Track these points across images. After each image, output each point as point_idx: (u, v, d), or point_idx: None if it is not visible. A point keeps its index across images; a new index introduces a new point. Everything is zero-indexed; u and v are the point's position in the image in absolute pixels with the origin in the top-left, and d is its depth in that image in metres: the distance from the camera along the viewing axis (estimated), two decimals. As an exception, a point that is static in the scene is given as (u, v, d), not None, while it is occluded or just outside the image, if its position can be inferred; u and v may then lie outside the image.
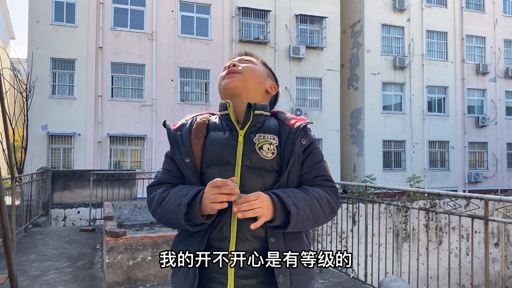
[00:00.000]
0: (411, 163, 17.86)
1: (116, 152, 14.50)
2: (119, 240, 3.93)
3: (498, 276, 11.96)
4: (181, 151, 1.25)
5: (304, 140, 1.25)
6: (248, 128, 1.26)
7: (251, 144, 1.22)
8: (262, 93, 1.37)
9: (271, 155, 1.21)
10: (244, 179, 1.19)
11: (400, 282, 3.58)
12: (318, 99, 17.02)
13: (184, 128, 1.30)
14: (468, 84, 19.23)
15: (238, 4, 15.85)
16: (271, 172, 1.21)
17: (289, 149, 1.22)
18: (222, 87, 1.34)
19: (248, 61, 1.38)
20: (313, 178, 1.27)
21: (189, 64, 15.25)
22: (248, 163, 1.20)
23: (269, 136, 1.25)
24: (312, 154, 1.28)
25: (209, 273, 1.18)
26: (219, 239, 1.18)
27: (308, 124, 1.31)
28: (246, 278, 1.16)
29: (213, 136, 1.27)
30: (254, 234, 1.17)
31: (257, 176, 1.20)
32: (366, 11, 17.53)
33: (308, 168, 1.27)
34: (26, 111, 11.99)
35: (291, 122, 1.29)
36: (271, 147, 1.22)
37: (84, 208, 9.50)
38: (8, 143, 1.66)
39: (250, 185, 1.18)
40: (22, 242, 5.87)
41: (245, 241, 1.17)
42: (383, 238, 8.96)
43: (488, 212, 3.05)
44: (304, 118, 1.33)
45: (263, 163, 1.20)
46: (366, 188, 4.44)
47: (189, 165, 1.23)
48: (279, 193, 1.15)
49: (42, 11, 13.69)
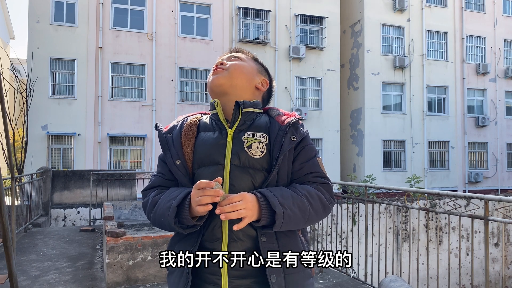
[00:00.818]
0: (411, 163, 17.86)
1: (116, 152, 14.50)
2: (119, 240, 3.93)
3: (498, 276, 11.96)
4: (172, 154, 1.24)
5: (294, 137, 1.22)
6: (237, 126, 1.24)
7: (240, 143, 1.21)
8: (251, 90, 1.33)
9: (260, 154, 1.20)
10: (233, 178, 1.18)
11: (400, 282, 3.58)
12: (318, 99, 17.02)
13: (175, 130, 1.29)
14: (468, 84, 19.23)
15: (238, 4, 15.85)
16: (260, 170, 1.20)
17: (278, 147, 1.20)
18: (208, 85, 1.33)
19: (237, 57, 1.35)
20: (305, 175, 1.24)
21: (189, 64, 15.25)
22: (237, 163, 1.19)
23: (258, 134, 1.23)
24: (304, 151, 1.25)
25: (203, 274, 1.18)
26: (211, 240, 1.17)
27: (300, 120, 1.28)
28: (241, 278, 1.16)
29: (202, 137, 1.26)
30: (246, 234, 1.17)
31: (246, 175, 1.18)
32: (366, 11, 17.54)
33: (299, 165, 1.24)
34: (26, 111, 11.99)
35: (282, 118, 1.26)
36: (260, 146, 1.21)
37: (84, 208, 9.50)
38: (8, 143, 1.66)
39: (239, 185, 1.18)
40: (22, 242, 5.87)
41: (237, 241, 1.16)
42: (383, 238, 8.96)
43: (488, 212, 3.05)
44: (296, 113, 1.29)
45: (252, 162, 1.19)
46: (366, 188, 4.44)
47: (180, 167, 1.22)
48: (265, 192, 1.14)
49: (42, 11, 13.69)
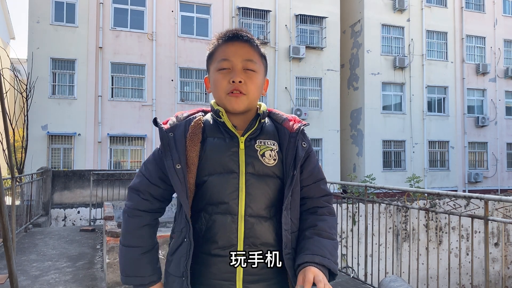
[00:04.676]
0: (411, 163, 17.86)
1: (116, 152, 14.50)
2: (119, 240, 3.92)
3: (498, 276, 11.96)
4: (173, 156, 1.18)
5: (304, 144, 1.24)
6: (249, 134, 1.23)
7: (253, 151, 1.20)
8: (260, 92, 1.31)
9: (273, 162, 1.20)
10: (249, 187, 1.17)
11: (400, 282, 3.58)
12: (318, 99, 17.02)
13: (177, 130, 1.22)
14: (468, 84, 19.23)
15: (238, 4, 15.85)
16: (273, 178, 1.21)
17: (292, 154, 1.21)
18: (224, 104, 1.23)
19: (253, 71, 1.23)
20: (315, 186, 1.28)
21: (189, 64, 15.25)
22: (252, 171, 1.19)
23: (269, 142, 1.23)
24: (310, 158, 1.27)
25: (212, 281, 1.16)
26: (223, 247, 1.17)
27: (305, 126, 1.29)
28: (255, 282, 1.16)
29: (212, 143, 1.21)
30: (263, 242, 1.19)
31: (262, 183, 1.19)
32: (366, 11, 17.54)
33: (308, 173, 1.27)
34: (26, 111, 11.99)
35: (289, 124, 1.27)
36: (272, 154, 1.21)
37: (84, 208, 9.50)
38: (8, 143, 1.66)
39: (255, 193, 1.18)
40: (22, 242, 5.87)
41: (252, 247, 1.17)
42: (383, 238, 8.96)
43: (488, 212, 3.05)
44: (296, 117, 1.31)
45: (266, 170, 1.20)
46: (366, 188, 4.44)
47: (179, 171, 1.16)
48: (323, 262, 1.13)
49: (42, 11, 13.69)
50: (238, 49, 1.24)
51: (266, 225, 1.18)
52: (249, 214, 1.16)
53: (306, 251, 1.15)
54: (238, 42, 1.25)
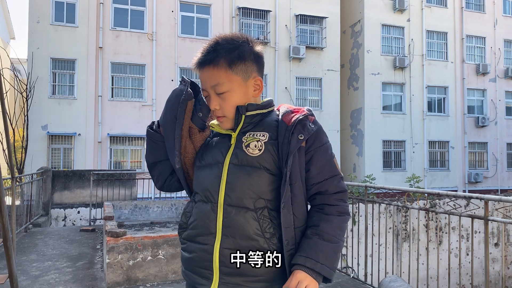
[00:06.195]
0: (411, 163, 17.86)
1: (116, 152, 14.50)
2: (119, 240, 3.93)
3: (498, 276, 11.97)
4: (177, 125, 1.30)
5: (301, 135, 1.19)
6: (241, 129, 1.26)
7: (239, 143, 1.24)
8: (248, 99, 1.28)
9: (257, 152, 1.20)
10: (230, 176, 1.20)
11: (400, 282, 3.58)
12: (318, 99, 17.02)
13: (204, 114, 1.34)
14: (468, 84, 19.23)
15: (238, 4, 15.85)
16: (259, 169, 1.20)
17: (286, 148, 1.18)
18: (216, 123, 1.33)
19: (224, 93, 1.24)
20: (327, 182, 1.24)
21: (189, 64, 15.05)
22: (235, 162, 1.21)
23: (258, 134, 1.24)
24: (319, 153, 1.23)
25: (194, 268, 1.24)
26: (203, 234, 1.23)
27: (310, 116, 1.25)
28: (232, 275, 1.17)
29: (210, 141, 1.33)
30: (242, 234, 1.20)
31: (243, 173, 1.19)
32: (366, 11, 17.53)
33: (318, 169, 1.23)
34: (26, 111, 12.01)
35: (288, 117, 1.24)
36: (258, 144, 1.21)
37: (84, 208, 9.50)
38: (8, 143, 1.66)
39: (234, 182, 1.19)
40: (22, 242, 5.87)
41: (229, 238, 1.19)
42: (383, 238, 8.96)
43: (488, 212, 3.05)
44: (304, 109, 1.26)
45: (250, 160, 1.20)
46: (366, 188, 4.44)
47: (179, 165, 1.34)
48: (314, 267, 1.14)
49: (42, 11, 13.69)
50: (205, 77, 1.25)
51: (246, 216, 1.17)
52: (227, 203, 1.19)
53: (302, 252, 1.17)
54: (204, 68, 1.25)
